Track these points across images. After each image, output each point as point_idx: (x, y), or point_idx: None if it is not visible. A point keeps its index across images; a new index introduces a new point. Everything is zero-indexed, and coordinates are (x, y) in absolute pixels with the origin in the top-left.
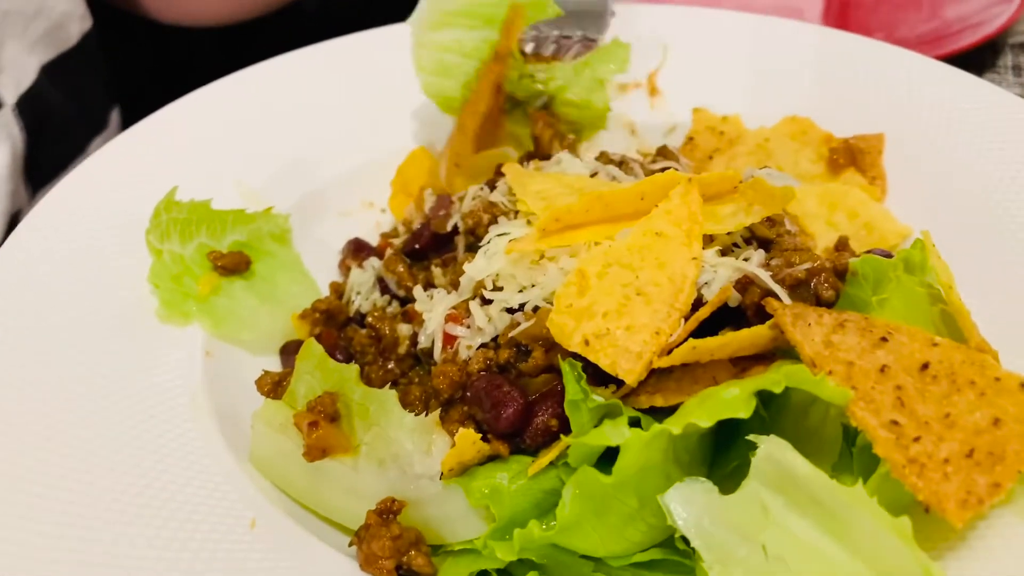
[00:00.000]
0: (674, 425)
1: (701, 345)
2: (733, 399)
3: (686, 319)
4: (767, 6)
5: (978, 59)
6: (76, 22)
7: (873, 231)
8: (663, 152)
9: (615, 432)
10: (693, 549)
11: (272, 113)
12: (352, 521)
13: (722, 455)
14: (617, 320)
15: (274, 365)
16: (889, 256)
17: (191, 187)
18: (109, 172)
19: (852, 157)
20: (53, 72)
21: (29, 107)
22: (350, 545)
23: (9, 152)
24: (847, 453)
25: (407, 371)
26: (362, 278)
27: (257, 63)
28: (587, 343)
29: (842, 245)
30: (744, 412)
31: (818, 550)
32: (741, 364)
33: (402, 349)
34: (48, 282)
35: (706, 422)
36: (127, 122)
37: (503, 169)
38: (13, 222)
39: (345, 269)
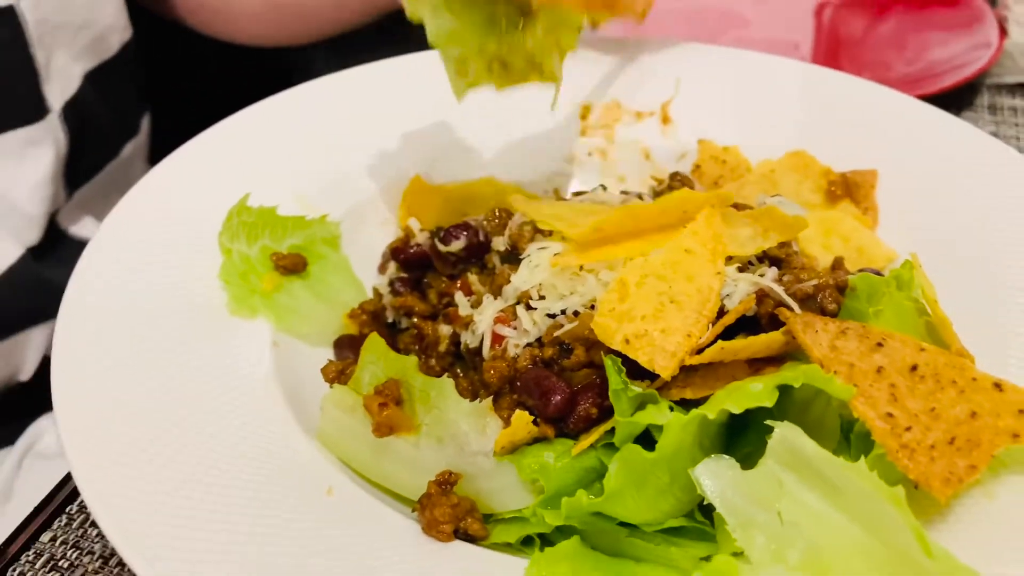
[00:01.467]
0: (709, 410)
1: (728, 346)
2: (759, 391)
3: (712, 324)
4: (763, 40)
5: (957, 98)
6: (118, 33)
7: (863, 254)
8: (677, 177)
9: (659, 414)
10: (710, 518)
11: (324, 128)
12: (414, 492)
13: (735, 443)
14: (654, 323)
15: (328, 355)
16: (880, 275)
17: (259, 195)
18: (174, 179)
19: (848, 189)
20: (95, 80)
21: (73, 113)
22: (413, 511)
23: (53, 156)
24: (843, 440)
25: (447, 367)
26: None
27: (313, 79)
28: (627, 342)
29: (838, 265)
30: (768, 401)
31: (825, 517)
32: (755, 365)
33: (442, 347)
34: (130, 281)
35: (736, 408)
36: (156, 126)
37: (511, 200)
38: (51, 222)
39: (383, 273)
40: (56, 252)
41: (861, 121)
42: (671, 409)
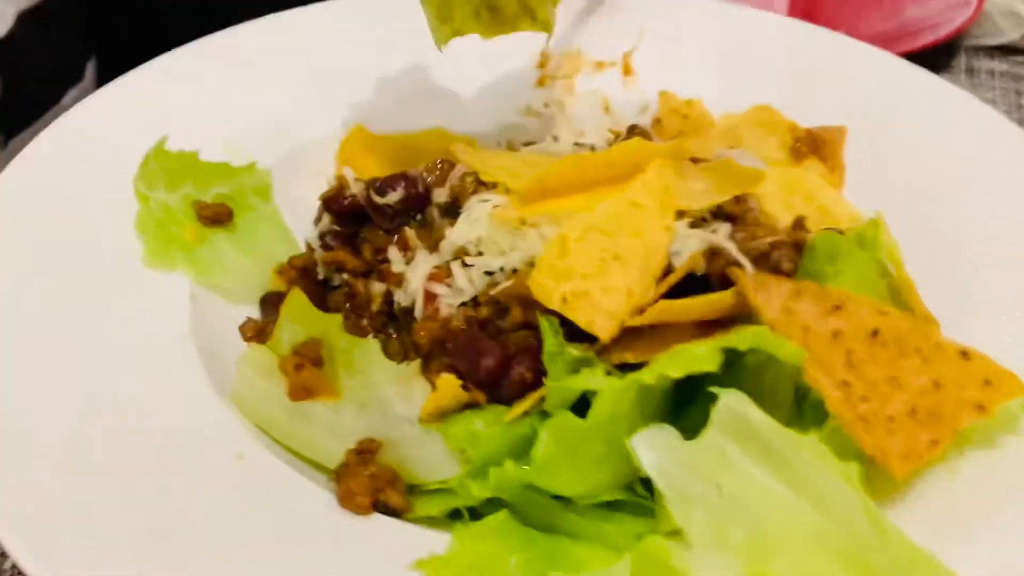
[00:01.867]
0: (647, 375)
1: (671, 306)
2: (702, 355)
3: (658, 283)
4: None
5: (934, 60)
6: None
7: (827, 214)
8: (636, 129)
9: (593, 378)
10: (651, 492)
11: (259, 72)
12: (331, 460)
13: (681, 411)
14: (595, 281)
15: (253, 313)
16: (841, 233)
17: (177, 139)
18: (97, 121)
19: (814, 146)
20: (29, 20)
21: (6, 55)
22: (329, 480)
23: None
24: (796, 410)
25: (380, 328)
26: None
27: (246, 21)
28: (565, 301)
29: (798, 224)
30: (711, 366)
31: (770, 492)
32: (703, 328)
33: (375, 306)
34: (37, 229)
35: (677, 373)
36: (103, 74)
37: (453, 149)
38: None
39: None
40: None
41: (831, 76)
42: (608, 374)
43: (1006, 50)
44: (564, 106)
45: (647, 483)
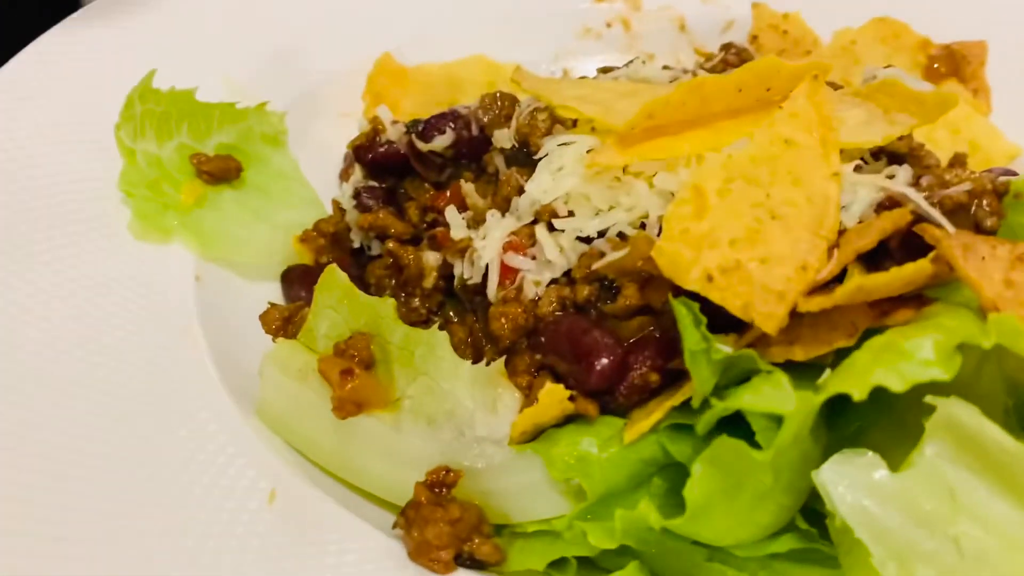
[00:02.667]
0: (854, 388)
1: (868, 283)
2: (928, 360)
3: (834, 249)
4: None
5: None
6: None
7: (978, 150)
8: (732, 48)
9: (778, 394)
10: (825, 531)
11: None
12: (394, 494)
13: (840, 414)
14: (749, 250)
15: (273, 294)
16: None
17: (170, 75)
18: (69, 52)
19: (954, 66)
20: None
21: None
22: (394, 527)
23: None
24: (1011, 414)
25: (435, 310)
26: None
27: None
28: (711, 279)
29: (958, 162)
30: (948, 373)
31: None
32: (880, 307)
33: (428, 283)
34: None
35: (899, 385)
36: None
37: (514, 77)
38: None
39: (346, 181)
40: None
41: None
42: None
43: None
44: (629, 25)
45: (813, 517)
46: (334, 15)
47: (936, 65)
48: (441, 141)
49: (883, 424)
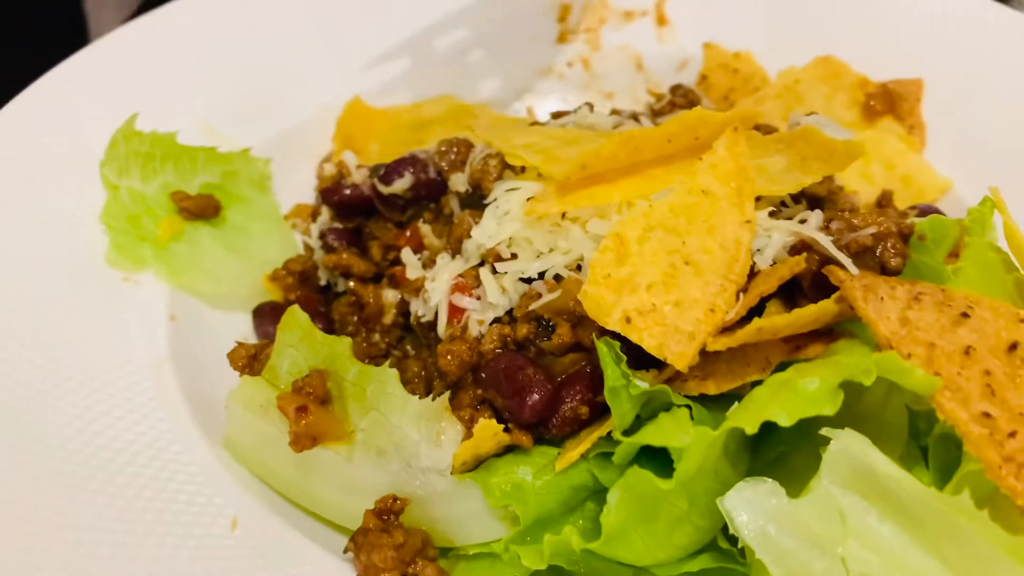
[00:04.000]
0: (746, 422)
1: (767, 325)
2: (816, 393)
3: (742, 292)
4: None
5: None
6: None
7: (911, 184)
8: (680, 91)
9: (678, 430)
10: (742, 551)
11: (239, 38)
12: (346, 519)
13: (763, 442)
14: (664, 294)
15: (243, 327)
16: (939, 213)
17: (149, 118)
18: (58, 97)
19: (890, 103)
20: None
21: None
22: (346, 551)
23: None
24: (912, 442)
25: (395, 344)
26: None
27: None
28: (629, 320)
29: (886, 201)
30: (831, 408)
31: (907, 563)
32: (794, 342)
33: (388, 319)
34: None
35: (786, 420)
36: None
37: (469, 123)
38: None
39: (315, 222)
40: None
41: (898, 18)
42: (691, 418)
43: None
44: (590, 64)
45: (734, 537)
46: (305, 60)
47: (873, 103)
48: (400, 184)
49: (804, 450)
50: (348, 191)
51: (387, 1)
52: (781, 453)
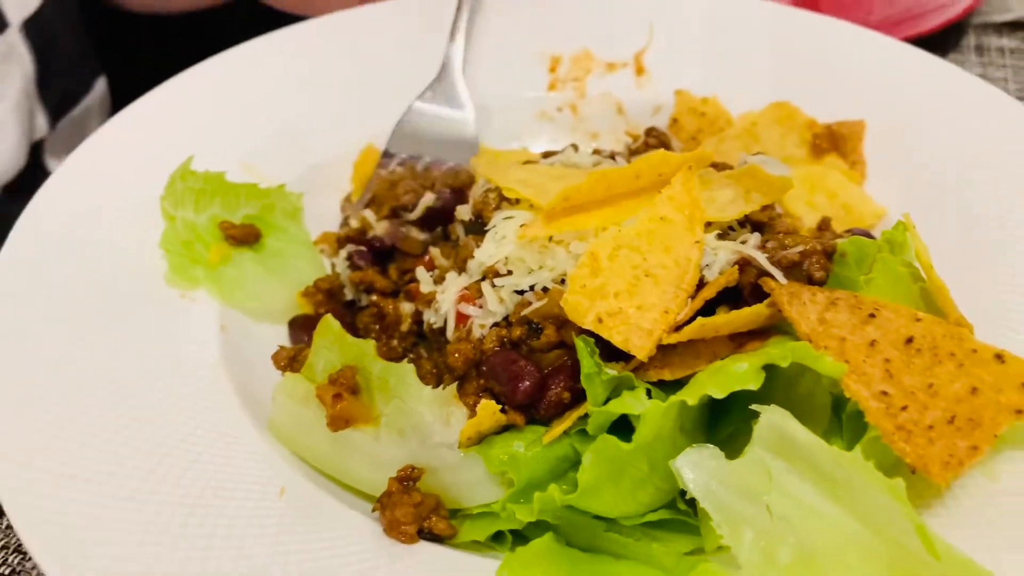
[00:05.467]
0: (689, 396)
1: (708, 323)
2: (744, 373)
3: (691, 298)
4: None
5: (943, 40)
6: None
7: (851, 211)
8: (653, 133)
9: (636, 402)
10: (695, 510)
11: (273, 90)
12: (374, 488)
13: (718, 423)
14: (628, 300)
15: (281, 336)
16: (870, 236)
17: (203, 159)
18: (121, 142)
19: (834, 142)
20: (55, 1)
21: (35, 31)
22: (373, 511)
23: (19, 73)
24: (835, 420)
25: (410, 348)
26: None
27: (249, 40)
28: (600, 321)
29: (824, 225)
30: (754, 384)
31: (818, 510)
32: (738, 340)
33: (404, 327)
34: (68, 250)
35: (719, 393)
36: (116, 97)
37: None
38: (36, 149)
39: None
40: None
41: (846, 67)
42: (648, 395)
43: (1015, 26)
44: (577, 109)
45: (690, 500)
46: (329, 108)
47: (819, 142)
48: (418, 210)
49: (748, 430)
50: (372, 242)
51: (397, 56)
52: (732, 432)
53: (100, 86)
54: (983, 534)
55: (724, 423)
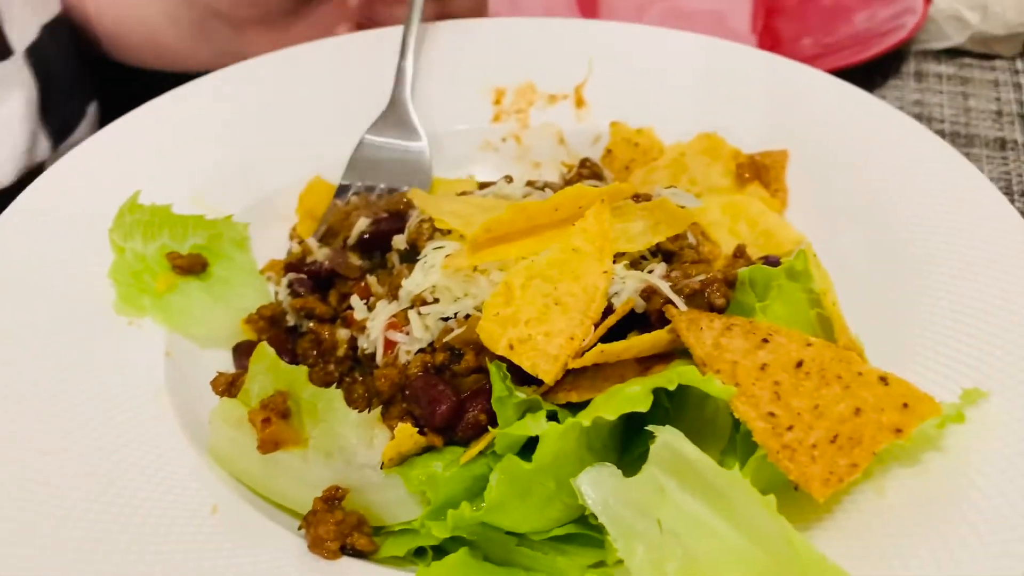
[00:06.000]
0: (584, 418)
1: (608, 349)
2: (635, 395)
3: (596, 326)
4: (692, 11)
5: (884, 65)
6: None
7: (771, 238)
8: (586, 164)
9: (535, 424)
10: (602, 525)
11: (220, 125)
12: (303, 507)
13: (630, 443)
14: (538, 327)
15: (225, 361)
16: (776, 264)
17: (153, 192)
18: (72, 177)
19: (757, 172)
20: (52, 32)
21: (36, 58)
22: (300, 528)
23: (24, 97)
24: (734, 439)
25: (346, 372)
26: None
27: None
28: (511, 347)
29: (739, 252)
30: (643, 406)
31: (706, 524)
32: (645, 363)
33: (340, 352)
34: (19, 281)
35: (611, 415)
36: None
37: (409, 195)
38: (38, 172)
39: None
40: None
41: (772, 99)
42: (556, 416)
43: (952, 53)
44: (520, 139)
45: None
46: (276, 141)
47: (743, 171)
48: (352, 237)
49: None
50: (312, 266)
51: (341, 91)
52: (643, 452)
53: (92, 111)
54: (869, 545)
55: (635, 444)
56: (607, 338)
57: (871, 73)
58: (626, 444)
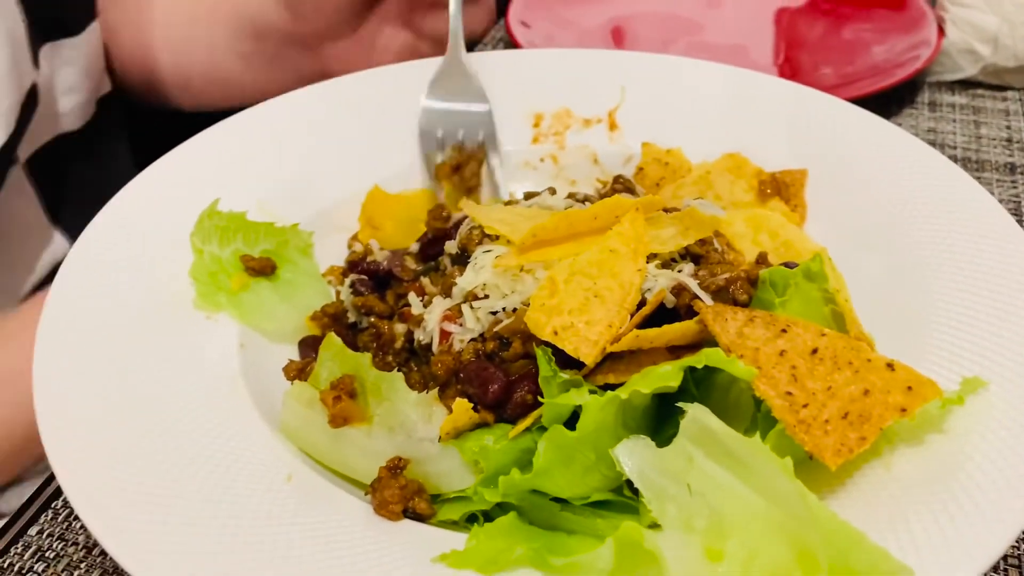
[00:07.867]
0: (623, 391)
1: (642, 334)
2: (667, 373)
3: (632, 316)
4: (714, 45)
5: (900, 95)
6: None
7: (791, 248)
8: (619, 180)
9: (579, 396)
10: (637, 493)
11: (289, 141)
12: (367, 477)
13: (662, 424)
14: (579, 316)
15: (291, 353)
16: (793, 266)
17: (229, 202)
18: (158, 185)
19: (778, 188)
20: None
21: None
22: (366, 494)
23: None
24: (755, 418)
25: (403, 364)
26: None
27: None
28: (556, 333)
29: (761, 259)
30: (674, 381)
31: (730, 487)
32: (676, 352)
33: (398, 344)
34: (109, 285)
35: (647, 389)
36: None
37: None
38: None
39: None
40: None
41: (793, 123)
42: (592, 393)
43: (965, 84)
44: (557, 159)
45: (633, 486)
46: (339, 155)
47: (765, 188)
48: (414, 247)
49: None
50: (370, 265)
51: (401, 110)
52: (672, 432)
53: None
54: (875, 512)
55: (669, 424)
56: (642, 329)
57: (887, 102)
58: (657, 426)
